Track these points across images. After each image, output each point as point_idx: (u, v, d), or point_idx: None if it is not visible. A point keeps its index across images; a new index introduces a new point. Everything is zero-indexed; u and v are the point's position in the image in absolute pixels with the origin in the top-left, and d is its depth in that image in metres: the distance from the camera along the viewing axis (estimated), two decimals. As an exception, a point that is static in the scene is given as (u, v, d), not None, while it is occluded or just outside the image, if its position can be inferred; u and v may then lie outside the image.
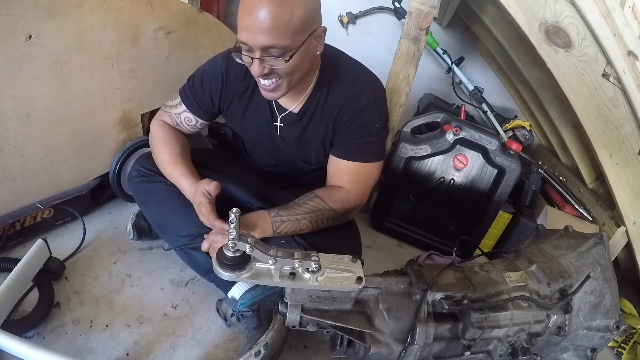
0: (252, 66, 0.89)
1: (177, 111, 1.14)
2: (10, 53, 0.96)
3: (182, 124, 1.15)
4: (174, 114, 1.15)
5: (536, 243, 1.11)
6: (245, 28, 0.85)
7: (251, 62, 0.89)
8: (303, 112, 1.07)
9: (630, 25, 1.21)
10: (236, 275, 0.76)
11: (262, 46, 0.85)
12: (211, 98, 1.10)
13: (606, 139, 1.43)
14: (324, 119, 1.07)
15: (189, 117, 1.14)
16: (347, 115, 1.04)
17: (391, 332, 0.86)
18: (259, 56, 0.87)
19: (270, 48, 0.86)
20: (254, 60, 0.87)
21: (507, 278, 0.96)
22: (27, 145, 1.08)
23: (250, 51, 0.88)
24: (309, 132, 1.10)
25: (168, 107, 1.15)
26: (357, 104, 1.04)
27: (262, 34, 0.84)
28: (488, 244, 1.71)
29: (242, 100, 1.10)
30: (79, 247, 1.20)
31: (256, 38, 0.84)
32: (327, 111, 1.06)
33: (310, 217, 1.01)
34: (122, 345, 0.99)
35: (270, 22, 0.82)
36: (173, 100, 1.15)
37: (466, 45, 2.37)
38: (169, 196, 1.09)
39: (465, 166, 1.51)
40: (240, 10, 0.86)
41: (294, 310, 0.82)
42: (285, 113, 1.07)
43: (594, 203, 1.70)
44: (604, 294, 0.99)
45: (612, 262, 1.04)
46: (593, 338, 1.01)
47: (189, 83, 1.12)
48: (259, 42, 0.85)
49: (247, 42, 0.86)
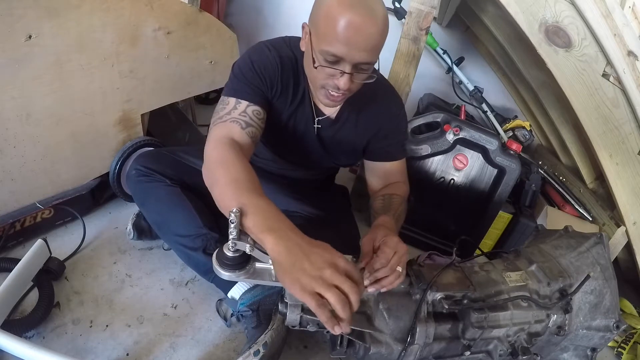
0: (339, 79, 0.87)
1: (240, 110, 0.94)
2: (10, 53, 0.96)
3: (253, 121, 0.95)
4: (238, 116, 0.93)
5: (536, 243, 1.11)
6: (346, 43, 0.82)
7: (335, 73, 0.87)
8: (338, 117, 1.09)
9: (630, 25, 1.21)
10: (236, 275, 0.76)
11: (358, 62, 0.85)
12: (268, 83, 0.99)
13: (606, 139, 1.43)
14: (359, 126, 1.11)
15: (257, 110, 0.96)
16: (384, 124, 1.12)
17: (391, 331, 0.86)
18: (350, 71, 0.86)
19: (363, 64, 0.87)
20: (344, 74, 0.86)
21: (507, 278, 0.96)
22: (27, 145, 1.08)
23: (337, 63, 0.86)
24: (341, 136, 1.13)
25: (226, 115, 0.93)
26: (392, 113, 1.13)
27: (363, 51, 0.83)
28: (488, 244, 1.71)
29: (288, 96, 1.03)
30: (79, 247, 1.20)
31: (355, 55, 0.83)
32: (362, 119, 1.10)
33: (401, 210, 1.06)
34: (122, 345, 0.99)
35: (373, 42, 0.84)
36: (225, 107, 0.95)
37: (466, 45, 2.37)
38: (168, 196, 1.09)
39: (465, 166, 1.51)
40: (338, 22, 0.81)
41: (294, 310, 0.82)
42: (323, 117, 1.09)
43: (594, 203, 1.70)
44: (603, 293, 0.99)
45: (611, 262, 1.04)
46: (593, 338, 1.01)
47: (235, 78, 0.99)
48: (357, 58, 0.84)
49: (342, 56, 0.84)
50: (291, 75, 1.01)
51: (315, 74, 0.90)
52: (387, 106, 1.12)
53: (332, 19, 0.81)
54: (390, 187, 1.15)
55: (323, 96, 0.94)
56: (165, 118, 1.63)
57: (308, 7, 0.91)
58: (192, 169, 1.19)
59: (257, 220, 0.73)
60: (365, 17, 0.81)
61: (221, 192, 0.80)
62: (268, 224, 0.73)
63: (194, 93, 1.52)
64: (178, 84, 1.41)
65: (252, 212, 0.74)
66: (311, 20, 0.89)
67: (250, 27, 2.56)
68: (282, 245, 0.70)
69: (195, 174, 1.18)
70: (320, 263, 0.69)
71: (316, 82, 0.92)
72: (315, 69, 0.88)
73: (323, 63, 0.86)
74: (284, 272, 0.69)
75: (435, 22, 2.24)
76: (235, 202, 0.75)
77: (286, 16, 2.50)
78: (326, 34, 0.83)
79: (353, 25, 0.80)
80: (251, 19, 2.56)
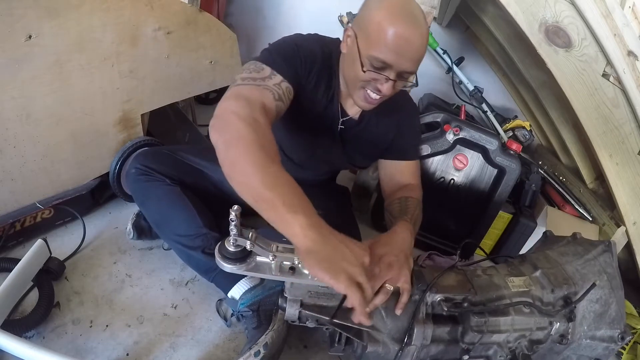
0: (383, 84, 0.92)
1: (275, 82, 0.89)
2: (10, 53, 0.96)
3: (284, 97, 0.90)
4: (273, 86, 0.87)
5: (543, 249, 1.09)
6: (396, 51, 0.86)
7: (380, 78, 0.91)
8: (361, 118, 1.12)
9: (630, 25, 1.21)
10: (237, 268, 0.77)
11: (403, 71, 0.90)
12: (308, 71, 0.98)
13: (606, 139, 1.43)
14: (380, 127, 1.14)
15: (289, 88, 0.92)
16: (403, 125, 1.17)
17: (389, 331, 0.86)
18: (395, 78, 0.91)
19: (406, 73, 0.92)
20: (389, 80, 0.90)
21: (510, 283, 0.95)
22: (27, 145, 1.08)
23: (383, 70, 0.90)
24: (363, 137, 1.15)
25: (262, 81, 0.87)
26: (409, 114, 1.20)
27: (410, 61, 0.89)
28: (488, 244, 1.71)
29: (317, 92, 1.03)
30: (79, 247, 1.20)
31: (403, 63, 0.88)
32: (383, 120, 1.13)
33: (418, 214, 1.08)
34: (122, 345, 0.99)
35: (420, 53, 0.90)
36: (260, 72, 0.89)
37: (466, 45, 2.37)
38: (167, 195, 1.09)
39: (465, 166, 1.51)
40: (389, 32, 0.85)
41: (292, 304, 0.83)
42: (347, 118, 1.11)
43: (594, 203, 1.70)
44: (609, 303, 0.96)
45: (619, 271, 1.01)
46: (597, 348, 0.98)
47: (276, 52, 0.94)
48: (404, 67, 0.89)
49: (390, 64, 0.88)
50: (326, 72, 1.03)
51: (358, 76, 0.92)
52: (405, 108, 1.18)
53: (384, 28, 0.85)
54: (405, 190, 1.16)
55: (361, 98, 0.97)
56: (165, 118, 1.63)
57: (308, 7, 0.92)
58: (193, 168, 1.19)
59: (286, 198, 0.68)
60: (415, 29, 0.86)
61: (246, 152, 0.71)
62: (300, 204, 0.69)
63: (194, 93, 1.52)
64: (178, 84, 1.41)
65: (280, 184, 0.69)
66: (359, 25, 0.92)
67: (250, 27, 2.56)
68: (315, 232, 0.67)
69: (195, 174, 1.19)
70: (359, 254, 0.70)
71: (356, 83, 0.95)
72: (361, 72, 0.91)
73: (370, 68, 0.90)
74: (321, 260, 0.66)
75: (435, 22, 2.24)
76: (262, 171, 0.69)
77: (286, 16, 2.49)
78: (377, 42, 0.87)
79: (404, 36, 0.85)
80: (251, 19, 2.56)
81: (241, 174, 0.71)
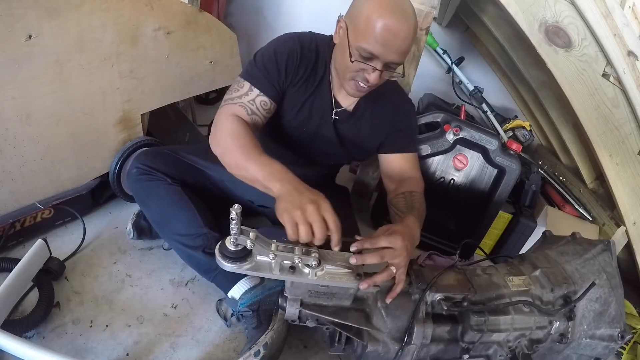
0: (370, 74, 0.96)
1: (250, 97, 1.02)
2: (10, 53, 0.96)
3: (258, 111, 1.03)
4: (247, 102, 1.01)
5: (542, 248, 1.09)
6: (383, 44, 0.90)
7: (367, 68, 0.95)
8: (355, 110, 1.14)
9: (630, 25, 1.21)
10: (237, 267, 0.77)
11: (390, 62, 0.94)
12: (286, 73, 1.05)
13: (606, 139, 1.43)
14: (375, 120, 1.16)
15: (265, 101, 1.03)
16: (398, 118, 1.19)
17: (389, 330, 0.87)
18: (381, 68, 0.94)
19: (393, 64, 0.95)
20: (376, 70, 0.95)
21: (510, 282, 0.95)
22: (27, 145, 1.08)
23: (370, 60, 0.94)
24: (358, 129, 1.17)
25: (237, 98, 1.02)
26: (404, 107, 1.22)
27: (396, 53, 0.93)
28: (488, 243, 1.71)
29: (307, 86, 1.09)
30: (79, 247, 1.20)
31: (389, 55, 0.92)
32: (378, 113, 1.15)
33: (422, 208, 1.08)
34: (122, 345, 0.99)
35: (406, 46, 0.93)
36: (239, 89, 1.03)
37: (466, 45, 2.37)
38: (168, 195, 1.09)
39: (465, 166, 1.51)
40: (377, 24, 0.89)
41: (293, 304, 0.83)
42: (340, 109, 1.13)
43: (594, 203, 1.70)
44: (609, 302, 0.97)
45: (619, 270, 1.02)
46: (597, 347, 0.98)
47: (256, 65, 1.04)
48: (390, 58, 0.93)
49: (378, 55, 0.92)
50: (311, 65, 1.07)
51: (348, 66, 0.96)
52: (399, 101, 1.21)
53: (373, 20, 0.89)
54: (407, 184, 1.16)
55: (352, 87, 1.01)
56: (165, 118, 1.63)
57: (308, 7, 0.92)
58: (193, 167, 1.19)
59: (265, 173, 0.86)
60: (402, 23, 0.90)
61: (232, 157, 0.93)
62: (276, 175, 0.85)
63: (194, 93, 1.52)
64: (178, 84, 1.41)
65: (261, 165, 0.87)
66: (350, 16, 0.96)
67: (250, 27, 2.56)
68: (285, 187, 0.83)
69: (195, 173, 1.19)
70: (307, 199, 0.80)
71: (346, 74, 0.99)
72: (350, 62, 0.95)
73: (358, 58, 0.94)
74: (279, 203, 0.81)
75: (435, 22, 2.24)
76: (246, 161, 0.89)
77: (286, 16, 2.49)
78: (365, 33, 0.91)
79: (391, 28, 0.89)
80: (251, 19, 2.56)
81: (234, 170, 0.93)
